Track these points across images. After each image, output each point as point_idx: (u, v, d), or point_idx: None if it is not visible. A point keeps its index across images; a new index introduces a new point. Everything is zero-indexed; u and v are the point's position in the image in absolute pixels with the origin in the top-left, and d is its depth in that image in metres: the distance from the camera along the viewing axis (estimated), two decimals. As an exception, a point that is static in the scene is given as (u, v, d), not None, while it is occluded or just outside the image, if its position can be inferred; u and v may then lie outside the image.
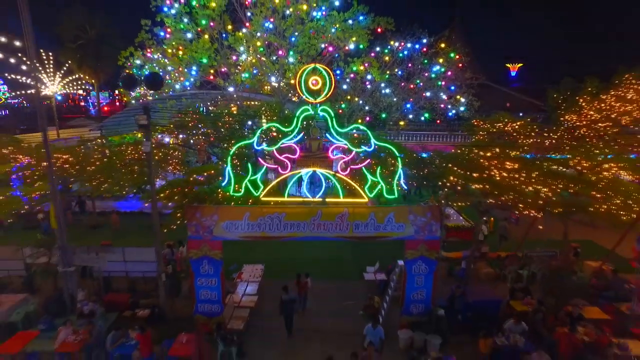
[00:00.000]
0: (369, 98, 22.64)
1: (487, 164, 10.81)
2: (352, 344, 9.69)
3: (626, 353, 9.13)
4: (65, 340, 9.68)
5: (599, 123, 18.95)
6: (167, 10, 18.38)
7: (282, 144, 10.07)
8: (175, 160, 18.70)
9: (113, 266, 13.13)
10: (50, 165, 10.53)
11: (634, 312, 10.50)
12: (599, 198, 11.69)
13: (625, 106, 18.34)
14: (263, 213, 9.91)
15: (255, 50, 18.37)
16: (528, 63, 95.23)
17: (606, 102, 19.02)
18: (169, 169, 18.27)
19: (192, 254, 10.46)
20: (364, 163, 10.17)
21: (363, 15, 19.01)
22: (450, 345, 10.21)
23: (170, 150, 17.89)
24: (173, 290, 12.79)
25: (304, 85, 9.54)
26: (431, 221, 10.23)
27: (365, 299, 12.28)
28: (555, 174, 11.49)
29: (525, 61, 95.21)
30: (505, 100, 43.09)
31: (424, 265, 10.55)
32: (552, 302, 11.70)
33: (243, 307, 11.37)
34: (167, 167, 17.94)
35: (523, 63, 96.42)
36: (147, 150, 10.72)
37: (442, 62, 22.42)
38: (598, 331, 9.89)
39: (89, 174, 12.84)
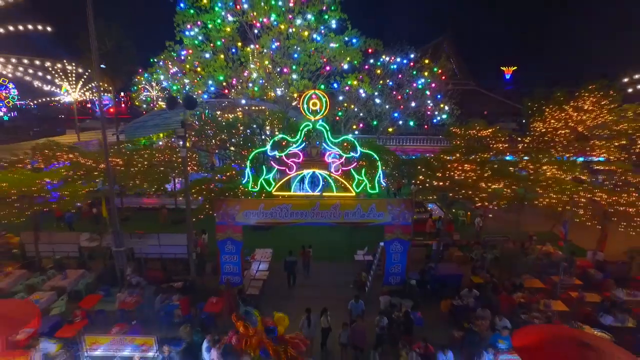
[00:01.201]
0: (363, 107, 25.59)
1: (449, 165, 13.74)
2: (342, 304, 12.60)
3: (548, 309, 12.10)
4: (124, 301, 12.69)
5: (559, 130, 22.03)
6: (187, 34, 21.39)
7: (289, 151, 13.05)
8: (193, 162, 21.72)
9: (150, 249, 16.16)
10: (108, 166, 13.49)
11: (561, 281, 13.46)
12: (541, 193, 14.68)
13: (581, 115, 21.34)
14: (274, 204, 12.92)
15: (263, 65, 21.37)
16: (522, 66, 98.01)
17: (566, 112, 22.00)
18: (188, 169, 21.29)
19: (219, 236, 13.46)
20: (352, 165, 13.15)
21: (356, 39, 22.05)
22: (420, 307, 13.16)
23: (190, 153, 20.84)
24: (199, 269, 15.79)
25: (306, 106, 12.52)
26: (404, 211, 13.23)
27: (355, 275, 15.26)
28: (505, 174, 14.46)
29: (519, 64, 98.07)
30: (494, 105, 45.90)
31: (399, 245, 13.56)
32: (506, 277, 14.70)
33: (257, 280, 14.35)
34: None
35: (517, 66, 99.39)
36: (183, 155, 13.71)
37: (427, 75, 25.27)
38: (531, 295, 12.89)
39: (132, 175, 15.79)
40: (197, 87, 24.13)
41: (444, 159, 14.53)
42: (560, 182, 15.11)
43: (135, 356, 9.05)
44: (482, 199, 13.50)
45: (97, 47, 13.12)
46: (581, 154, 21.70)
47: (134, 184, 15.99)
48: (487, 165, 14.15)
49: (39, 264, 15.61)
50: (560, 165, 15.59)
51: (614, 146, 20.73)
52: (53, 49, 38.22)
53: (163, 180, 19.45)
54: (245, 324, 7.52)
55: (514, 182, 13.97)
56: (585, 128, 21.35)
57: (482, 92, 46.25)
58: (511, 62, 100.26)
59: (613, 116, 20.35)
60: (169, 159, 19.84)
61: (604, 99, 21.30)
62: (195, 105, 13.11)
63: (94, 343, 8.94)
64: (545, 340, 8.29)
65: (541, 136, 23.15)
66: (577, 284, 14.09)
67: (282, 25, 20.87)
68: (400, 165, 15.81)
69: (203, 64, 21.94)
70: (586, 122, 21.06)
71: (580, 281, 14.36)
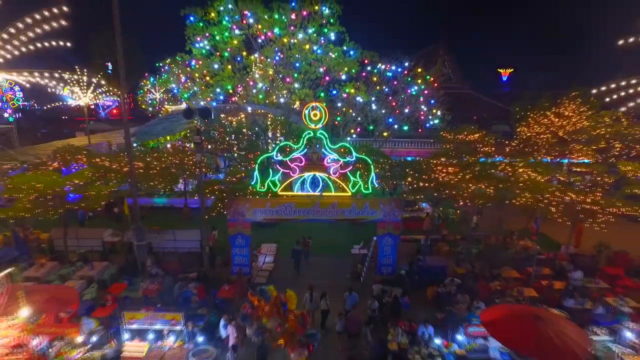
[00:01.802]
0: (360, 112, 27.29)
1: (434, 168, 15.42)
2: (339, 291, 14.27)
3: (520, 295, 13.79)
4: (146, 288, 14.40)
5: (542, 135, 23.76)
6: (197, 45, 23.11)
7: (293, 156, 14.76)
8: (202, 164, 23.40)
9: (166, 244, 17.87)
10: (132, 169, 15.18)
11: (535, 272, 15.17)
12: (519, 193, 16.39)
13: (562, 121, 23.06)
14: (279, 202, 14.63)
15: (266, 75, 23.08)
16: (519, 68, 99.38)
17: (548, 117, 23.73)
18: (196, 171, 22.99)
19: (230, 231, 15.17)
20: (348, 168, 14.85)
21: (353, 50, 23.77)
22: (408, 293, 14.82)
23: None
24: (211, 261, 17.50)
25: (307, 116, 14.23)
26: (394, 209, 14.94)
27: (352, 267, 16.97)
28: (486, 176, 16.17)
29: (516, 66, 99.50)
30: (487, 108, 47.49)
31: (390, 239, 15.27)
32: (487, 268, 16.39)
33: (264, 270, 16.07)
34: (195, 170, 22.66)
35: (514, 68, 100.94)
36: (198, 159, 15.42)
37: (420, 82, 26.93)
38: (507, 283, 14.59)
39: (151, 176, 17.49)
40: (204, 94, 25.86)
41: (430, 162, 16.23)
42: (535, 183, 16.82)
43: (165, 329, 10.76)
44: (464, 198, 15.20)
45: (122, 53, 14.58)
46: (562, 156, 23.46)
47: (153, 184, 17.67)
48: (469, 167, 15.83)
49: (67, 257, 17.32)
50: (535, 168, 17.29)
51: (591, 149, 22.52)
52: (66, 57, 39.88)
53: (175, 181, 21.17)
54: (259, 299, 9.19)
55: (493, 183, 15.66)
56: (566, 133, 23.07)
57: (476, 96, 47.91)
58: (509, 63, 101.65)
59: (590, 122, 22.04)
60: (180, 161, 21.53)
61: (583, 106, 23.04)
62: (209, 115, 14.81)
63: (132, 318, 10.64)
64: (507, 314, 10.00)
65: (527, 140, 24.90)
66: (548, 274, 15.81)
67: (285, 38, 22.58)
68: (392, 167, 17.50)
69: (211, 73, 23.63)
70: (566, 128, 22.78)
71: (551, 271, 16.07)
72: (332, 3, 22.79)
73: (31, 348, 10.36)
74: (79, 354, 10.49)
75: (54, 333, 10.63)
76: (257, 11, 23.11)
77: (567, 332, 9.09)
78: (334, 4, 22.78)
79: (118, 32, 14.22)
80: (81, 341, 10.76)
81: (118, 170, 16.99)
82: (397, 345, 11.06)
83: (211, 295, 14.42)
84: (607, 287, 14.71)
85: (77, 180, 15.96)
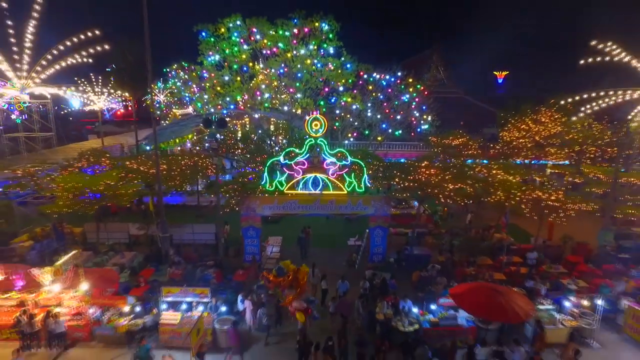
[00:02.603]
0: (357, 117, 29.77)
1: (418, 170, 17.88)
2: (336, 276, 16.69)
3: (490, 278, 16.25)
4: (172, 272, 16.87)
5: (521, 139, 26.27)
6: (209, 59, 25.61)
7: (297, 160, 17.24)
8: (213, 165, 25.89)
9: (185, 236, 20.34)
10: (157, 171, 17.64)
11: (506, 260, 17.66)
12: (493, 191, 18.86)
13: (538, 127, 25.57)
14: (285, 199, 17.10)
15: (272, 86, 25.58)
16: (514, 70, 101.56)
17: (526, 124, 26.23)
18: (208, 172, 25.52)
19: (243, 224, 17.66)
20: (344, 170, 17.33)
21: (350, 64, 26.27)
22: (395, 277, 17.29)
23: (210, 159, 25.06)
24: (225, 251, 19.97)
25: (310, 126, 16.70)
26: (384, 205, 17.43)
27: (348, 256, 19.43)
28: (464, 176, 18.63)
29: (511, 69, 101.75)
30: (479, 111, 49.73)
31: (381, 231, 17.76)
32: (465, 257, 18.85)
33: (272, 258, 18.54)
34: (207, 171, 25.16)
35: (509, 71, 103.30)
36: (215, 163, 17.90)
37: (412, 90, 29.35)
38: (480, 269, 17.06)
39: (173, 177, 19.95)
40: (213, 102, 28.37)
41: (414, 164, 18.71)
42: (506, 182, 19.31)
43: (194, 301, 13.23)
44: (444, 197, 17.69)
45: (151, 61, 16.98)
46: (537, 158, 25.96)
47: (174, 183, 20.14)
48: (449, 169, 18.31)
49: (98, 247, 19.78)
50: (507, 170, 19.78)
51: (564, 152, 25.03)
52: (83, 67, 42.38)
53: (192, 181, 23.63)
54: (275, 275, 11.63)
55: (469, 183, 18.14)
56: (542, 137, 25.58)
57: (468, 100, 50.34)
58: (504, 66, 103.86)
59: (562, 128, 24.55)
60: (194, 163, 23.98)
61: (557, 113, 25.55)
62: (225, 125, 17.29)
63: (168, 292, 13.10)
64: (471, 289, 12.48)
65: (509, 143, 27.43)
66: (518, 261, 18.30)
67: (289, 53, 25.08)
68: (383, 169, 19.98)
69: (221, 83, 26.14)
70: (542, 133, 25.28)
71: (521, 259, 18.55)
72: (331, 20, 25.28)
73: (88, 315, 12.88)
74: (125, 321, 12.97)
75: (106, 304, 13.17)
76: (264, 28, 25.60)
77: (517, 301, 11.56)
78: (333, 21, 25.27)
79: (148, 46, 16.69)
80: (127, 311, 13.24)
81: (145, 172, 19.42)
82: (383, 315, 13.52)
83: (227, 279, 16.91)
84: (565, 272, 17.19)
85: (108, 180, 18.40)
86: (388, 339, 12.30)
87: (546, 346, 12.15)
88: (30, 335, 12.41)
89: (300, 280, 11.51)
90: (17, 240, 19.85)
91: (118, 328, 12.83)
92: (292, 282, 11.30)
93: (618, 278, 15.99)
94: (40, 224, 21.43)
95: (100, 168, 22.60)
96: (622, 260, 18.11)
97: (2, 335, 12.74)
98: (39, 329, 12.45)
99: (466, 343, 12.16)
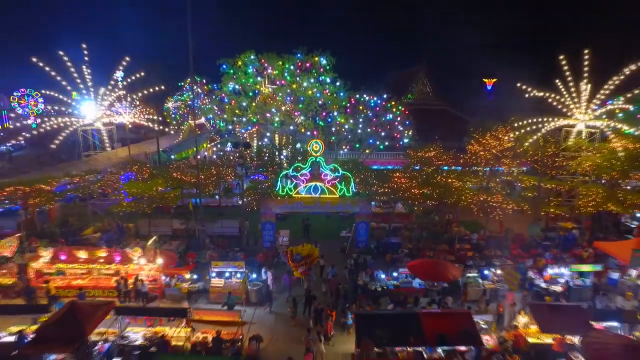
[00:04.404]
0: (350, 132, 35.87)
1: (391, 178, 23.90)
2: (332, 259, 22.73)
3: (445, 258, 22.28)
4: (210, 255, 22.93)
5: (481, 152, 32.32)
6: (230, 88, 31.75)
7: (301, 172, 23.35)
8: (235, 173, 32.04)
9: (215, 229, 26.42)
10: (198, 179, 23.67)
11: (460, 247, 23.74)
12: (450, 194, 24.97)
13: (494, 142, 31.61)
14: (293, 201, 23.23)
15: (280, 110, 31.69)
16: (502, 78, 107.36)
17: (487, 139, 32.27)
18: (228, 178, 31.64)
19: (263, 219, 23.78)
20: (337, 180, 23.43)
21: (343, 92, 32.43)
22: (375, 259, 23.33)
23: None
24: (247, 241, 26.08)
25: (312, 148, 22.80)
26: (366, 205, 23.57)
27: (341, 244, 25.52)
28: (429, 183, 24.72)
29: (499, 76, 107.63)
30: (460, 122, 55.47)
31: (364, 225, 23.89)
32: (430, 246, 24.93)
33: (282, 246, 24.61)
34: (227, 177, 31.26)
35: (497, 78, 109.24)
36: (239, 172, 23.98)
37: (395, 110, 35.41)
38: (438, 253, 23.14)
39: (207, 184, 26.00)
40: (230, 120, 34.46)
41: (387, 173, 24.85)
42: (459, 188, 25.43)
43: (233, 272, 19.30)
44: (412, 199, 23.78)
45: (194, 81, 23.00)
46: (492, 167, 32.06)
47: (209, 189, 26.29)
48: (415, 178, 24.43)
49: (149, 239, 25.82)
50: (461, 177, 25.90)
51: (515, 163, 31.12)
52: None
53: (218, 186, 29.73)
54: (291, 260, 17.74)
55: (430, 189, 24.25)
56: (498, 151, 31.62)
57: (451, 111, 56.28)
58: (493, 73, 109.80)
59: (512, 143, 30.54)
60: (219, 172, 30.07)
61: (511, 130, 31.58)
62: (249, 146, 23.40)
63: (216, 265, 19.17)
64: (421, 263, 18.61)
65: (474, 154, 33.50)
66: (468, 248, 24.39)
67: (294, 85, 31.24)
68: (367, 177, 26.11)
69: (238, 107, 32.31)
70: (497, 147, 31.33)
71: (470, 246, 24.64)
72: (328, 56, 31.43)
73: (161, 281, 18.99)
74: (186, 285, 19.06)
75: (174, 272, 19.27)
76: (273, 61, 31.74)
77: (450, 270, 17.73)
78: (329, 57, 31.42)
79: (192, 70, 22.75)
80: (187, 278, 19.36)
81: (187, 180, 25.55)
82: (362, 282, 19.63)
83: (251, 259, 22.98)
84: (499, 255, 23.27)
85: (161, 187, 24.50)
86: (365, 295, 18.43)
87: (468, 300, 18.30)
88: (124, 293, 18.53)
89: (313, 255, 17.72)
90: (85, 232, 25.92)
91: (182, 289, 18.94)
92: (307, 257, 17.45)
93: (536, 258, 22.09)
94: (100, 220, 27.54)
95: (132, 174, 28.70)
96: (545, 247, 24.21)
97: (104, 293, 18.84)
98: (130, 289, 18.55)
99: (416, 297, 18.29)
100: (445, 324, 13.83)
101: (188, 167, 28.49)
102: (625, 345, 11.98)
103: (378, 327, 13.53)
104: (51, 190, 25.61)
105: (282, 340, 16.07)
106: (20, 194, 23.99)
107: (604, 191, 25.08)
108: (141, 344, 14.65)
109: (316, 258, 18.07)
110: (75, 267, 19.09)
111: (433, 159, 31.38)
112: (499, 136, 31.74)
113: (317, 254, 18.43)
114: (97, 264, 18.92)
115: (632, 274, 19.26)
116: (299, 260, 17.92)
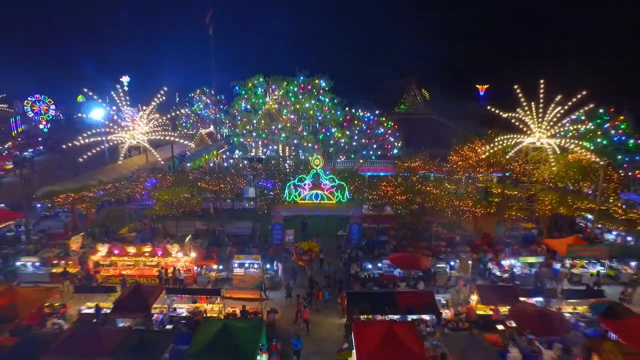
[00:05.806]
0: (346, 144, 40.74)
1: (378, 185, 28.73)
2: (330, 254, 27.53)
3: (422, 253, 27.14)
4: (230, 250, 27.76)
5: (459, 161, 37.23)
6: (242, 108, 36.62)
7: (305, 182, 28.22)
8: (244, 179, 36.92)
9: (231, 230, 31.24)
10: (218, 186, 28.49)
11: (437, 244, 28.58)
12: (429, 200, 29.84)
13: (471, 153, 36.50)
14: (298, 205, 28.11)
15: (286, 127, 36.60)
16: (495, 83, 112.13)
17: (464, 151, 37.17)
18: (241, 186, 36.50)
19: (273, 221, 28.63)
20: (334, 188, 28.29)
21: (339, 111, 37.34)
22: (365, 253, 28.13)
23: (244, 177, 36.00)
24: (259, 240, 30.91)
25: (313, 162, 27.64)
26: (359, 208, 28.47)
27: (338, 242, 30.38)
28: (411, 189, 29.60)
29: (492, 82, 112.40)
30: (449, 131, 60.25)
31: (357, 225, 28.79)
32: (411, 243, 29.80)
33: (289, 243, 29.46)
34: (240, 184, 36.11)
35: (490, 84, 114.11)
36: (249, 180, 28.84)
37: (385, 126, 40.27)
38: (417, 248, 28.00)
39: (225, 190, 30.82)
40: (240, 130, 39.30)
41: (376, 183, 29.72)
42: (437, 195, 30.31)
43: (251, 263, 24.12)
44: (397, 204, 28.64)
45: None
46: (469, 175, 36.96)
47: (225, 196, 31.14)
48: (399, 186, 29.31)
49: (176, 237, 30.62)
50: (439, 185, 30.80)
51: (488, 172, 36.03)
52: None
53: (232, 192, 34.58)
54: (297, 254, 22.57)
55: (410, 196, 29.12)
56: (474, 161, 36.51)
57: (439, 121, 61.04)
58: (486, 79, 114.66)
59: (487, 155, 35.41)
60: (233, 180, 34.88)
61: (486, 143, 36.48)
62: (262, 161, 28.27)
63: (238, 258, 24.01)
64: (400, 255, 23.53)
65: (455, 163, 38.40)
66: (445, 245, 29.23)
67: (298, 105, 36.14)
68: (360, 184, 30.98)
69: (249, 123, 37.20)
70: (473, 158, 36.21)
71: (446, 243, 29.48)
72: (327, 79, 36.36)
73: (193, 270, 23.87)
74: (214, 274, 23.91)
75: (204, 263, 24.13)
76: (278, 82, 36.65)
77: (422, 261, 22.64)
78: (328, 80, 36.34)
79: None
80: (214, 268, 24.22)
81: (209, 189, 30.42)
82: (354, 271, 24.50)
83: (264, 254, 27.81)
84: (468, 250, 28.11)
85: (187, 194, 29.35)
86: (356, 281, 23.32)
87: (436, 285, 23.20)
88: (165, 281, 23.37)
89: (313, 249, 22.65)
90: (122, 232, 30.72)
91: (210, 277, 23.79)
92: (308, 251, 22.34)
93: (497, 253, 26.95)
94: (132, 221, 32.38)
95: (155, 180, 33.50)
96: (507, 244, 29.08)
97: (148, 281, 23.67)
98: (169, 277, 23.39)
99: (394, 282, 23.17)
100: (413, 300, 18.73)
101: (206, 174, 33.18)
102: (538, 311, 16.91)
103: (363, 301, 18.42)
104: (94, 197, 30.45)
105: (289, 313, 20.98)
106: (71, 200, 28.79)
107: (557, 197, 29.96)
108: (186, 315, 19.53)
109: (316, 252, 22.90)
110: (125, 259, 23.92)
111: (417, 168, 36.22)
112: (475, 148, 36.69)
113: (317, 249, 23.26)
114: (143, 257, 23.75)
115: (567, 264, 24.22)
116: (302, 254, 22.78)
